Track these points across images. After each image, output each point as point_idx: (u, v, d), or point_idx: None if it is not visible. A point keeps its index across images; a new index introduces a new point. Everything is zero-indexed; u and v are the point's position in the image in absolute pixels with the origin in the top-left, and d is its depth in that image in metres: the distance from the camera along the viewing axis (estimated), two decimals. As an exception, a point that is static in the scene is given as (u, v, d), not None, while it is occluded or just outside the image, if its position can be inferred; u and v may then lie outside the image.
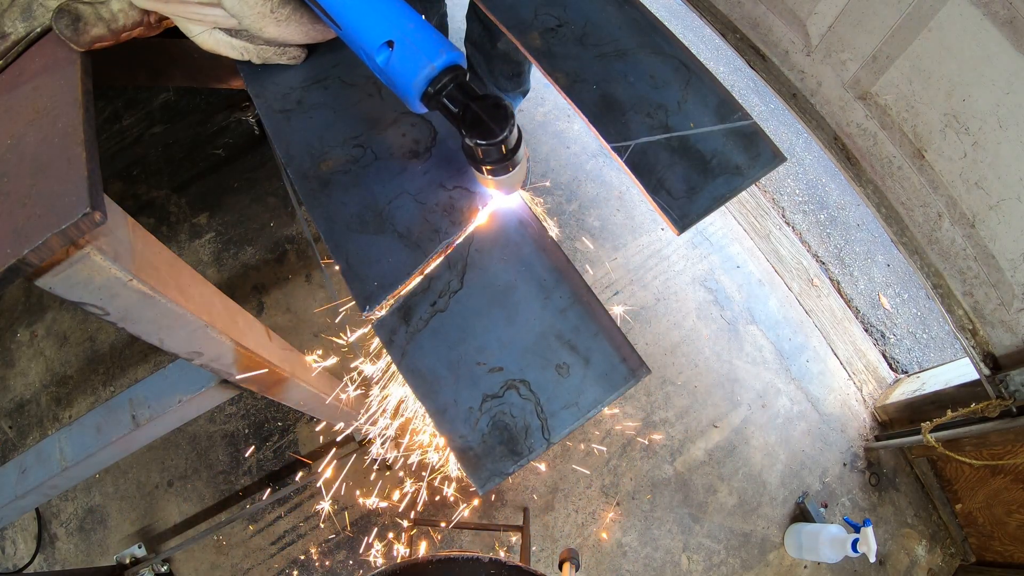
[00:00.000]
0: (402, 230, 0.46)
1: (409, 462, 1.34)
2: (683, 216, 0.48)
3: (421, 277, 0.46)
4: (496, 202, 0.49)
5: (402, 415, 0.79)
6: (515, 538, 1.41)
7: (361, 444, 1.32)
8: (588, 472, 1.46)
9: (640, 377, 0.48)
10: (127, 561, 1.29)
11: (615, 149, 0.51)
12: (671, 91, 0.53)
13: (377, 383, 0.75)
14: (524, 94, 1.55)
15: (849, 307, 1.77)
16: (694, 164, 0.49)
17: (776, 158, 0.50)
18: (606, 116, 0.52)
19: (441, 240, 0.46)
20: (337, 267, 0.48)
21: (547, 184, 1.72)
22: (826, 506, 1.50)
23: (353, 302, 0.49)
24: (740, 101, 0.55)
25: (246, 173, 1.70)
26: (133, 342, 1.53)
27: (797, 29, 1.12)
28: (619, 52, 0.55)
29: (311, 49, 0.55)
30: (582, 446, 1.48)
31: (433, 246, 0.46)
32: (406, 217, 0.46)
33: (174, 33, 0.60)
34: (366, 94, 0.53)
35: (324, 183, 0.48)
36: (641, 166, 0.50)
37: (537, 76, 1.85)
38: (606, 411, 1.51)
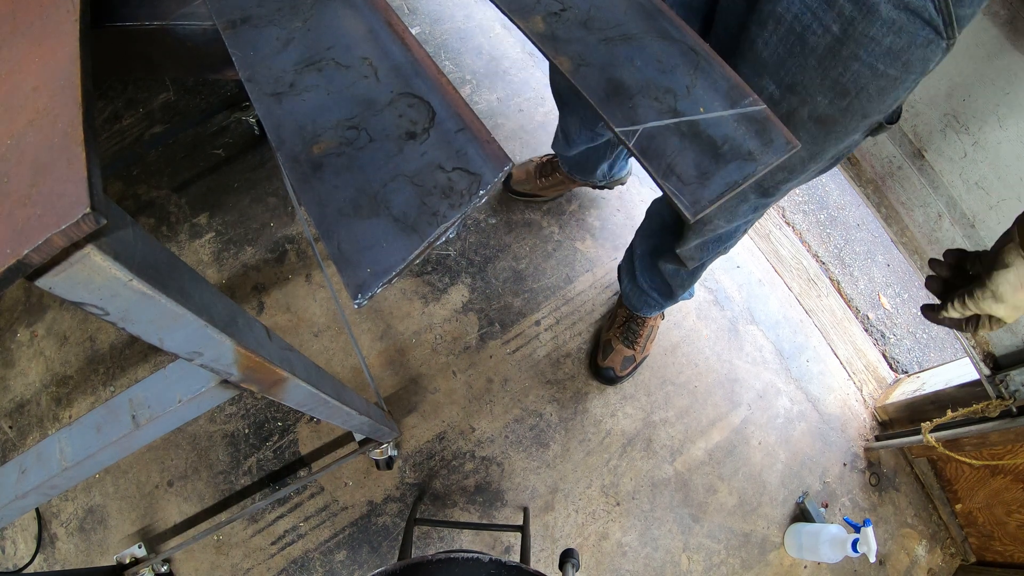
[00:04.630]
0: (398, 214, 0.43)
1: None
2: (695, 202, 0.47)
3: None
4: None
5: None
6: (515, 538, 1.41)
7: (361, 444, 1.32)
8: (588, 472, 1.46)
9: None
10: (127, 561, 1.29)
11: (623, 134, 0.49)
12: (679, 75, 0.52)
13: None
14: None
15: (849, 307, 1.77)
16: (705, 149, 0.48)
17: (789, 144, 0.49)
18: (612, 100, 0.51)
19: (439, 223, 0.43)
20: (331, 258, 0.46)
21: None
22: (826, 506, 1.50)
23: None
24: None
25: (246, 173, 1.70)
26: (133, 342, 1.53)
27: (797, 29, 1.12)
28: (624, 36, 0.54)
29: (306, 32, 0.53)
30: (582, 446, 1.48)
31: (431, 230, 0.43)
32: (402, 200, 0.44)
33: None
34: (361, 75, 0.51)
35: (316, 166, 0.46)
36: (650, 151, 0.49)
37: (538, 80, 1.86)
38: (606, 411, 1.51)
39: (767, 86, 0.73)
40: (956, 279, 0.70)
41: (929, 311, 0.73)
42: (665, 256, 1.24)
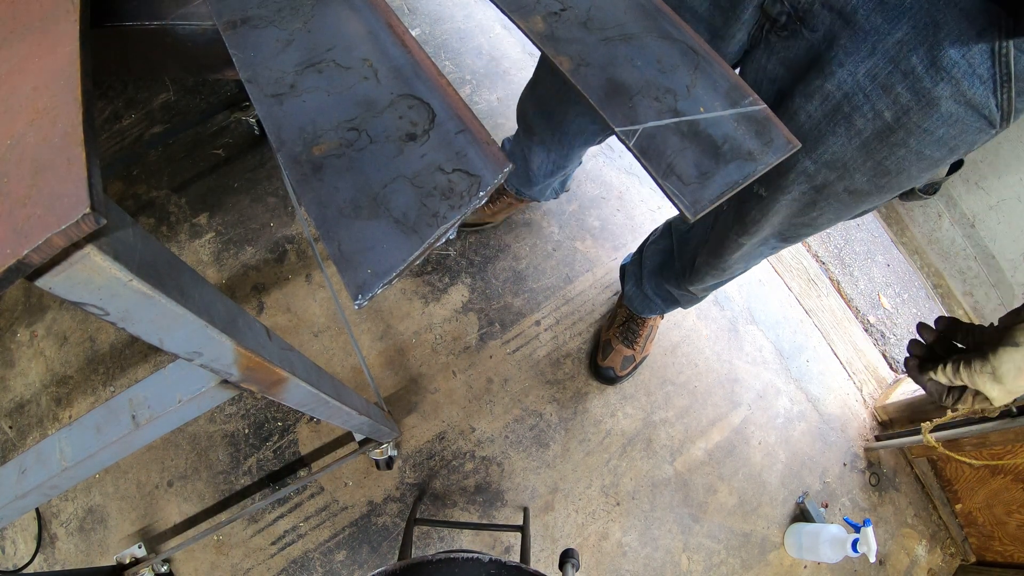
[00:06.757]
0: (398, 215, 0.44)
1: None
2: (695, 202, 0.47)
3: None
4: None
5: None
6: (515, 538, 1.41)
7: (361, 444, 1.32)
8: (588, 472, 1.46)
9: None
10: (127, 561, 1.29)
11: (623, 134, 0.49)
12: (679, 75, 0.52)
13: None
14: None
15: (849, 307, 1.77)
16: (705, 149, 0.48)
17: (789, 144, 0.49)
18: (613, 100, 0.51)
19: (439, 224, 0.43)
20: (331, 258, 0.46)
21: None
22: (826, 506, 1.50)
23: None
24: (740, 101, 0.55)
25: (246, 173, 1.70)
26: (133, 342, 1.53)
27: (797, 29, 1.12)
28: (625, 36, 0.54)
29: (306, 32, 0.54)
30: (582, 446, 1.48)
31: (431, 231, 0.43)
32: (402, 202, 0.44)
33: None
34: (361, 77, 0.51)
35: (316, 167, 0.47)
36: (650, 151, 0.49)
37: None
38: (606, 411, 1.51)
39: (802, 159, 0.71)
40: (941, 348, 0.66)
41: (915, 368, 0.68)
42: (672, 281, 1.26)
